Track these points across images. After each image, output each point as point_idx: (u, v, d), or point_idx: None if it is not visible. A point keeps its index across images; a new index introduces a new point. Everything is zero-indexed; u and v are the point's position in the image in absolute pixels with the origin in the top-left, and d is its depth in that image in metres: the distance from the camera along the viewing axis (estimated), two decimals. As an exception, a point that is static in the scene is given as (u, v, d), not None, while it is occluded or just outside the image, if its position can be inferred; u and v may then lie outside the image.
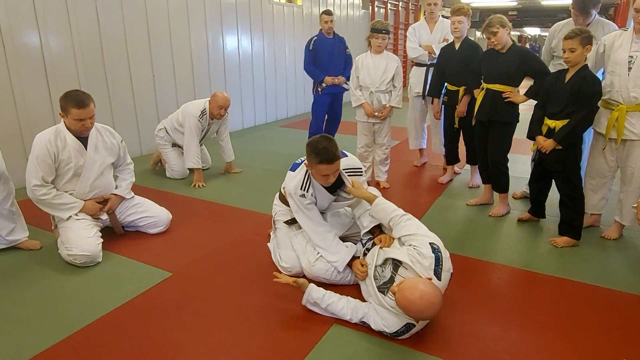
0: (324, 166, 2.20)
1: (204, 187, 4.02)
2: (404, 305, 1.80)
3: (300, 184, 2.37)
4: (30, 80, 3.90)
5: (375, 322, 2.01)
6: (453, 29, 3.74)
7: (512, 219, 3.37)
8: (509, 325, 2.12)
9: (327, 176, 2.26)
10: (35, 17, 3.86)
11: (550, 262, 2.73)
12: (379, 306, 2.03)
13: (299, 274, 2.47)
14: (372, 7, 10.29)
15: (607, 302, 2.33)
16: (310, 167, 2.30)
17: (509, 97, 3.13)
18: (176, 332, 2.05)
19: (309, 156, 2.25)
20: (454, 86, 3.82)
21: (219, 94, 4.01)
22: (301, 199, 2.37)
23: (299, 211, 2.41)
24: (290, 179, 2.44)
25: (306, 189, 2.37)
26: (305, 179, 2.37)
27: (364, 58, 3.92)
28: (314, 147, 2.20)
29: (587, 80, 2.66)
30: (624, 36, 2.71)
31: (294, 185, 2.38)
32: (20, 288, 2.41)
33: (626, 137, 2.74)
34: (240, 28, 6.31)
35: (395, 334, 1.96)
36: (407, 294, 1.78)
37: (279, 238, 2.60)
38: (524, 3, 14.59)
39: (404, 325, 1.93)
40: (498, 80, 3.17)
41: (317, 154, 2.19)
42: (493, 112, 3.20)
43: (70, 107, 2.58)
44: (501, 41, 3.11)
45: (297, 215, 2.43)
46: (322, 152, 2.18)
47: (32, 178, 2.62)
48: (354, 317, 2.08)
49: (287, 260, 2.51)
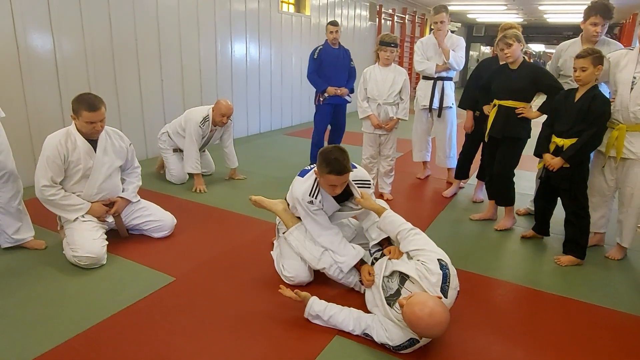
0: (333, 177, 2.22)
1: (205, 192, 4.02)
2: (412, 320, 1.78)
3: (309, 190, 2.37)
4: (42, 83, 3.94)
5: (379, 334, 2.00)
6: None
7: (515, 235, 3.36)
8: (513, 344, 2.11)
9: (335, 187, 2.28)
10: (49, 21, 3.91)
11: (554, 281, 2.72)
12: (384, 317, 2.02)
13: (301, 283, 2.48)
14: (379, 19, 10.37)
15: (612, 323, 2.32)
16: (319, 176, 2.31)
17: (522, 113, 3.14)
18: (178, 337, 2.05)
19: (319, 165, 2.26)
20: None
21: (222, 101, 4.04)
22: (309, 205, 2.38)
23: (307, 216, 2.42)
24: (299, 184, 2.44)
25: (314, 195, 2.38)
26: (315, 186, 2.38)
27: (372, 70, 3.95)
28: (325, 157, 2.22)
29: (596, 100, 2.68)
30: (630, 56, 2.73)
31: (302, 191, 2.38)
32: (24, 288, 2.41)
33: (625, 156, 2.75)
34: (249, 36, 6.37)
35: (397, 347, 1.95)
36: (416, 310, 1.76)
37: (282, 246, 2.61)
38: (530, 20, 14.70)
39: (407, 340, 1.92)
40: (510, 96, 3.17)
41: (328, 163, 2.20)
42: (506, 128, 3.20)
43: (82, 110, 2.61)
44: (514, 55, 3.11)
45: (305, 221, 2.44)
46: (333, 163, 2.19)
47: (42, 178, 2.64)
48: (357, 328, 2.08)
49: (290, 269, 2.50)
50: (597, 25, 3.06)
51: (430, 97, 4.37)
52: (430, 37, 4.42)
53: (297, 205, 2.44)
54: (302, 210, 2.42)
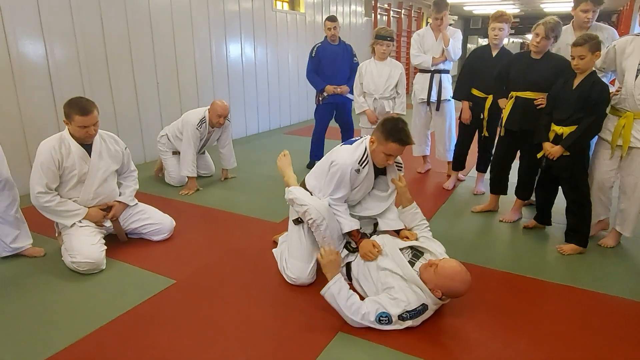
0: (395, 146, 2.23)
1: (191, 194, 3.99)
2: (448, 273, 2.02)
3: (360, 158, 2.33)
4: (35, 89, 3.92)
5: (398, 304, 2.04)
6: (493, 35, 3.57)
7: (518, 226, 3.34)
8: (516, 334, 2.09)
9: (391, 157, 2.29)
10: (40, 26, 3.89)
11: (557, 270, 2.70)
12: (400, 282, 2.13)
13: (303, 284, 2.46)
14: (375, 14, 10.33)
15: (615, 310, 2.30)
16: (377, 143, 2.28)
17: (541, 104, 3.01)
18: (180, 341, 2.03)
19: (382, 133, 2.24)
20: (482, 93, 3.68)
21: (218, 102, 4.01)
22: (355, 173, 2.33)
23: (333, 182, 2.34)
24: (347, 152, 2.37)
25: (363, 165, 2.34)
26: (365, 155, 2.34)
27: (367, 64, 3.92)
28: (392, 126, 2.23)
29: (595, 87, 2.64)
30: (635, 43, 2.68)
31: (353, 158, 2.33)
32: (23, 295, 2.40)
33: (632, 145, 2.70)
34: (244, 36, 6.34)
35: (411, 312, 2.04)
36: (454, 264, 2.06)
37: (289, 242, 2.55)
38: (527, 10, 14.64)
39: (420, 305, 2.05)
40: (530, 87, 3.05)
41: (395, 132, 2.21)
42: (524, 120, 3.09)
43: (73, 114, 2.59)
44: (543, 48, 3.00)
45: (326, 182, 2.38)
46: (400, 132, 2.21)
47: (36, 185, 2.62)
48: (372, 309, 2.06)
49: (293, 270, 2.47)
50: (587, 11, 3.05)
51: (428, 90, 4.33)
52: (427, 29, 4.37)
53: (334, 171, 2.33)
54: (335, 179, 2.33)
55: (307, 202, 2.36)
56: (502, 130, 3.32)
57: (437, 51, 4.24)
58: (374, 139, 2.30)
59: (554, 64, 2.98)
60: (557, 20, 2.97)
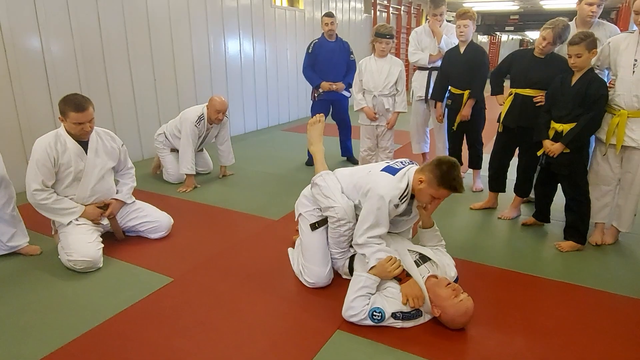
0: (446, 192, 2.11)
1: (189, 192, 3.98)
2: (463, 311, 2.02)
3: (401, 193, 2.15)
4: (31, 84, 3.90)
5: (395, 302, 2.08)
6: (459, 32, 3.68)
7: (516, 223, 3.33)
8: (514, 331, 2.09)
9: (437, 200, 2.19)
10: (36, 21, 3.86)
11: (555, 267, 2.70)
12: None
13: (321, 287, 2.41)
14: (374, 11, 10.29)
15: (612, 307, 2.30)
16: (426, 184, 2.11)
17: (540, 102, 3.01)
18: (178, 339, 2.02)
19: (436, 177, 2.07)
20: (458, 90, 3.77)
21: (216, 97, 3.99)
22: (393, 208, 2.16)
23: (374, 213, 2.16)
24: (389, 183, 2.17)
25: (404, 201, 2.18)
26: (407, 192, 2.17)
27: (367, 62, 3.91)
28: (448, 172, 2.06)
29: (593, 84, 2.64)
30: (630, 39, 2.67)
31: (394, 193, 2.14)
32: (20, 294, 2.38)
33: (626, 144, 2.69)
34: (242, 32, 6.31)
35: (406, 314, 2.07)
36: (470, 304, 2.04)
37: (303, 246, 2.46)
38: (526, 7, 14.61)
39: (415, 310, 2.08)
40: (531, 85, 3.06)
41: (451, 180, 2.06)
42: (522, 117, 3.10)
43: (68, 111, 2.57)
44: (548, 51, 3.00)
45: (366, 213, 2.18)
46: (455, 181, 2.07)
47: (32, 182, 2.60)
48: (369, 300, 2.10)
49: (310, 275, 2.40)
50: (592, 4, 2.98)
51: (426, 87, 4.32)
52: (424, 26, 4.38)
53: (371, 199, 2.16)
54: (377, 205, 2.15)
55: (337, 198, 2.28)
56: (500, 127, 3.31)
57: (435, 49, 4.24)
58: (423, 179, 2.11)
59: (557, 65, 2.97)
60: (566, 24, 2.95)
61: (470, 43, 3.74)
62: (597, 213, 2.91)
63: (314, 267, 2.40)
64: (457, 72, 3.75)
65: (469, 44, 3.73)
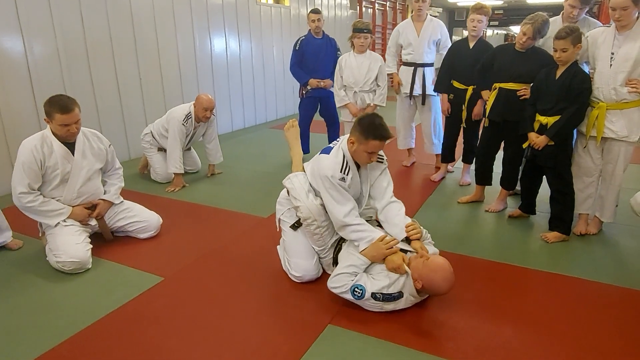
0: (377, 142, 2.17)
1: (177, 191, 3.96)
2: (433, 266, 2.05)
3: (340, 166, 2.27)
4: (14, 86, 3.83)
5: (377, 283, 2.12)
6: (472, 27, 3.62)
7: (503, 215, 3.39)
8: (502, 322, 2.13)
9: (373, 154, 2.24)
10: (18, 22, 3.79)
11: (541, 258, 2.75)
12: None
13: (310, 280, 2.44)
14: (360, 7, 10.30)
15: (598, 295, 2.36)
16: (357, 144, 2.21)
17: (524, 95, 3.05)
18: (169, 338, 2.02)
19: (360, 132, 2.18)
20: (462, 85, 3.73)
21: (203, 95, 3.98)
22: (341, 182, 2.26)
23: (332, 190, 2.25)
24: (327, 161, 2.29)
25: (346, 172, 2.28)
26: (345, 162, 2.28)
27: (347, 58, 3.92)
28: (369, 124, 2.17)
29: (577, 77, 2.69)
30: (607, 33, 2.73)
31: (333, 167, 2.26)
32: (8, 296, 2.36)
33: (606, 135, 2.75)
34: (228, 29, 6.28)
35: (387, 296, 2.11)
36: (442, 261, 2.08)
37: (286, 244, 2.52)
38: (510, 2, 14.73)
39: (397, 292, 2.12)
40: (514, 79, 3.09)
41: (373, 129, 2.15)
42: (507, 111, 3.13)
43: (54, 113, 2.54)
44: (528, 46, 3.05)
45: (326, 196, 2.28)
46: (379, 129, 2.16)
47: (18, 185, 2.57)
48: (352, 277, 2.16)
49: (296, 269, 2.44)
50: (574, 8, 3.06)
51: (411, 83, 4.33)
52: (408, 21, 4.34)
53: (321, 183, 2.28)
54: (327, 185, 2.26)
55: (301, 199, 2.34)
56: (486, 121, 3.35)
57: (419, 45, 4.21)
58: (353, 139, 2.23)
59: (538, 58, 3.02)
60: (545, 19, 3.00)
61: (480, 39, 3.70)
62: (580, 204, 2.97)
63: (299, 261, 2.43)
64: (464, 66, 3.66)
65: (478, 40, 3.69)
